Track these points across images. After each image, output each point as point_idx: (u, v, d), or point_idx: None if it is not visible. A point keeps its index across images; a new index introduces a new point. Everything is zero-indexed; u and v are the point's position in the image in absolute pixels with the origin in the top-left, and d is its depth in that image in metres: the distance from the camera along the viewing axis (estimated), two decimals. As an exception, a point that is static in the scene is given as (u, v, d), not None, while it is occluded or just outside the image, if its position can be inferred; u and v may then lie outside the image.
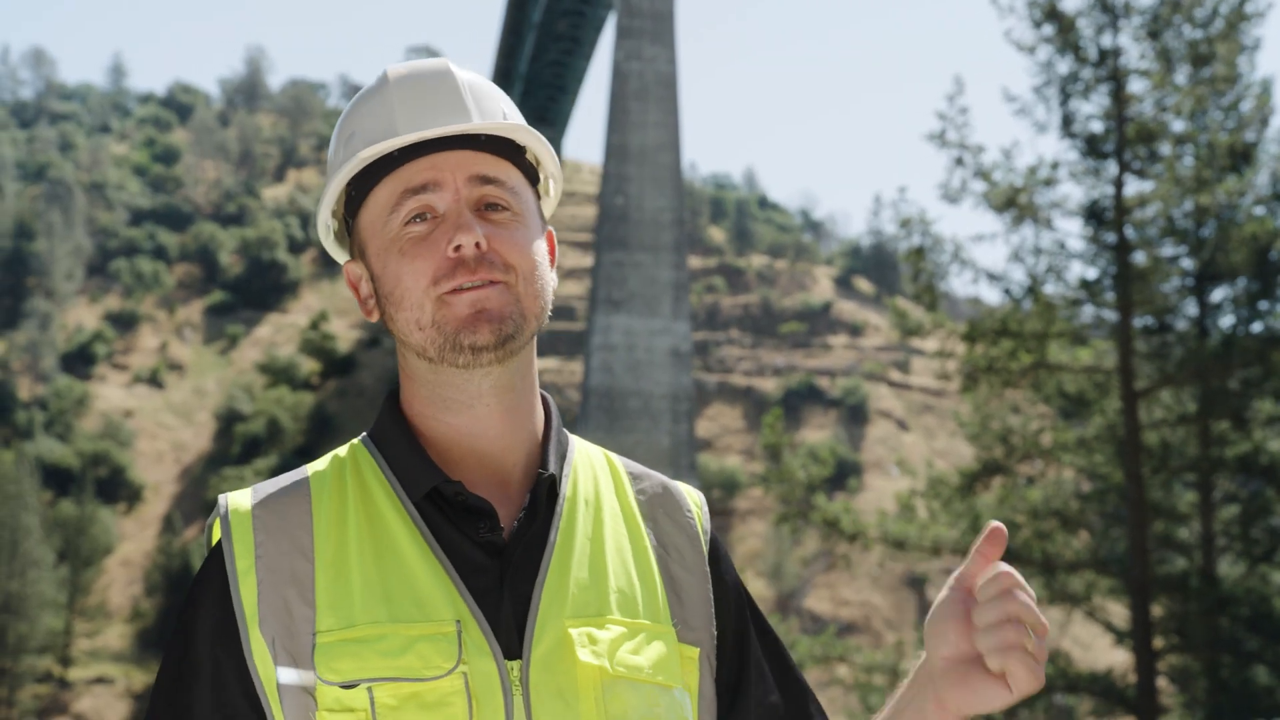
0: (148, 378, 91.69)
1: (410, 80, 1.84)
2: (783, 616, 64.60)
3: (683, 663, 1.79)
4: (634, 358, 66.17)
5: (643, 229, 67.28)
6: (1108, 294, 16.55)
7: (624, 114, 68.10)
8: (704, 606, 1.85)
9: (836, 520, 16.18)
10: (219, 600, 1.73)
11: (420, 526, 1.74)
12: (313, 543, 1.74)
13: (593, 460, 1.92)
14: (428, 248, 1.76)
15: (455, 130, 1.79)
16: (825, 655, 17.22)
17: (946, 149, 16.26)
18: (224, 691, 1.70)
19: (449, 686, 1.65)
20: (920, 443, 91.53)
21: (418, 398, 1.83)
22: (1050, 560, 16.96)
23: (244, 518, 1.76)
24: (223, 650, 1.71)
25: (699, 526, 1.91)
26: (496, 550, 1.74)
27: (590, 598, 1.75)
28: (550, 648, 1.70)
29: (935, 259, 16.75)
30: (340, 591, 1.70)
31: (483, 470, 1.80)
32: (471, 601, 1.70)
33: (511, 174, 1.84)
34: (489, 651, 1.67)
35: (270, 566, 1.72)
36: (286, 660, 1.68)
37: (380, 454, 1.82)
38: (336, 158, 1.87)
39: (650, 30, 68.89)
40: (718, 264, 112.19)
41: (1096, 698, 16.80)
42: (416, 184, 1.78)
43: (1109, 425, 17.09)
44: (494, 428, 1.81)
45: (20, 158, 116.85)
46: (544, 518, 1.79)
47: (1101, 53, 16.22)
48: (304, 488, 1.80)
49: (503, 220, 1.79)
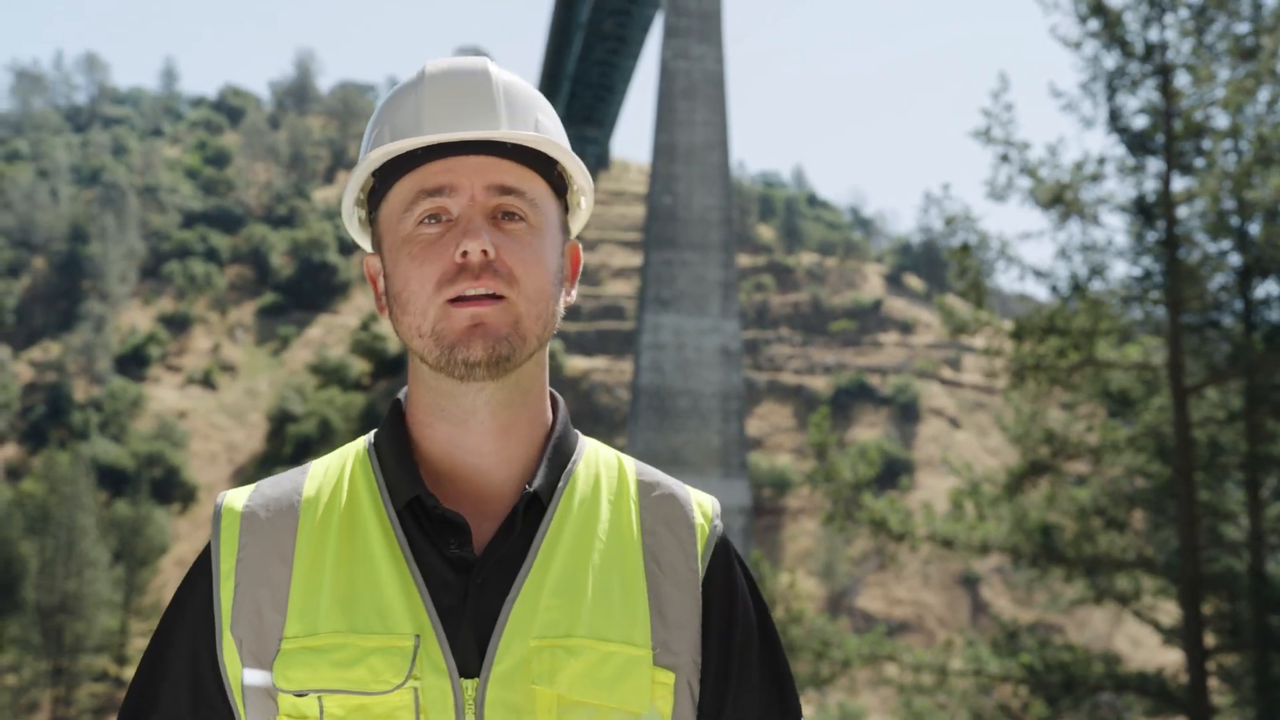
0: (201, 379, 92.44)
1: (445, 78, 1.81)
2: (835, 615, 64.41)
3: (655, 687, 1.75)
4: (683, 357, 66.13)
5: (691, 228, 67.23)
6: (1155, 290, 16.41)
7: (671, 113, 68.06)
8: (690, 628, 1.79)
9: (883, 519, 16.12)
10: (203, 598, 1.76)
11: (398, 536, 1.74)
12: (294, 548, 1.75)
13: (601, 469, 1.88)
14: (436, 252, 1.74)
15: (477, 136, 1.76)
16: (873, 654, 17.14)
17: (992, 145, 16.18)
18: (198, 686, 1.74)
19: (397, 701, 1.65)
20: (973, 440, 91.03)
21: (420, 404, 1.82)
22: (1098, 559, 16.83)
23: (234, 518, 1.78)
24: (201, 646, 1.75)
25: (700, 543, 1.85)
26: (466, 566, 1.72)
27: (561, 617, 1.72)
28: (510, 667, 1.68)
29: (981, 256, 16.66)
30: (310, 598, 1.71)
31: (470, 484, 1.79)
32: (435, 616, 1.69)
33: (535, 185, 1.80)
34: (444, 668, 1.67)
35: (248, 569, 1.74)
36: (252, 663, 1.71)
37: (377, 459, 1.82)
38: (365, 148, 1.86)
39: (698, 29, 68.85)
40: (767, 262, 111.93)
41: (1146, 698, 16.66)
42: (432, 185, 1.76)
43: (1157, 423, 16.95)
44: (487, 444, 1.79)
45: (74, 162, 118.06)
46: (526, 534, 1.76)
47: (1148, 47, 16.09)
48: (298, 489, 1.80)
49: (516, 231, 1.76)
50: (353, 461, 1.83)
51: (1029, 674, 16.44)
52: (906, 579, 79.12)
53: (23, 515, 61.79)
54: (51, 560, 58.16)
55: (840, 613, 74.97)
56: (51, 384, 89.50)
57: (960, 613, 77.96)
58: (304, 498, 1.79)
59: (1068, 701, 16.39)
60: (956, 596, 79.79)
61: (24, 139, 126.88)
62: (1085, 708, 16.47)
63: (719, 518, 1.89)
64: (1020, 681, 16.56)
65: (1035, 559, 16.80)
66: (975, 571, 76.58)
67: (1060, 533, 16.83)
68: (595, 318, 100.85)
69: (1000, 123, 16.18)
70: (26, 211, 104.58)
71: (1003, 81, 16.29)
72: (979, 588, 79.25)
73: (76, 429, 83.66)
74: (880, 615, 76.25)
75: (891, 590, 79.59)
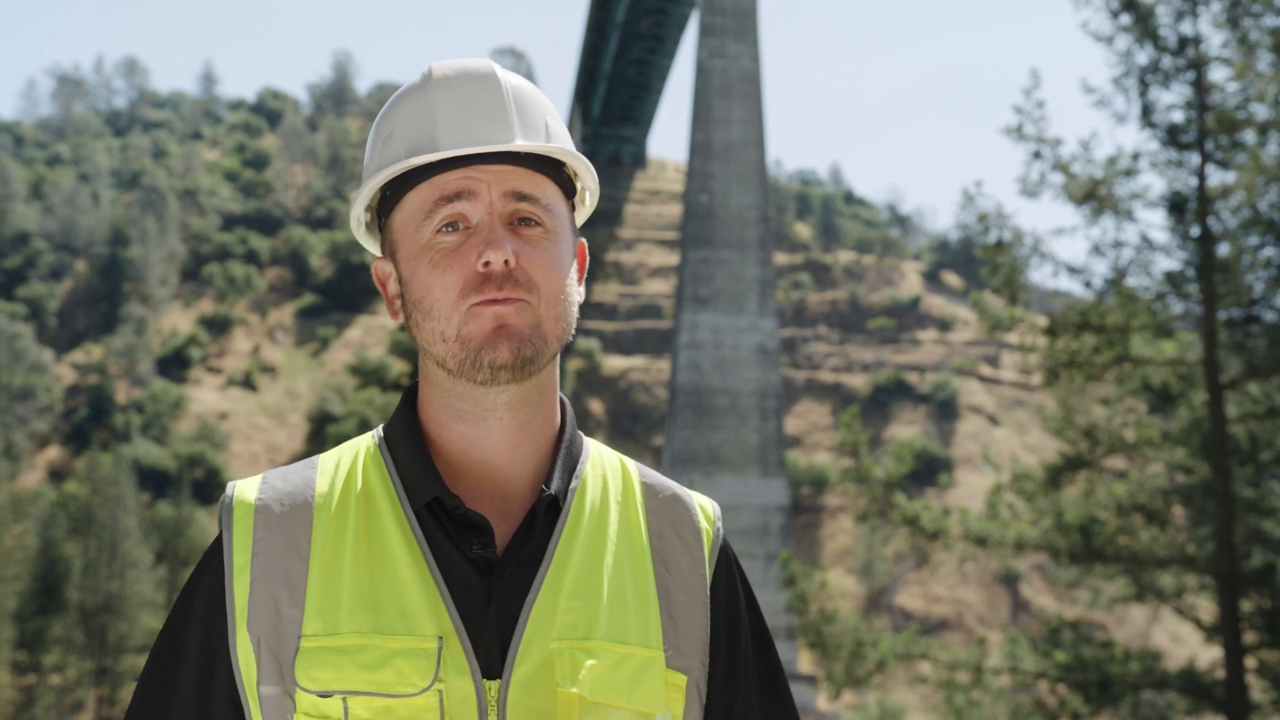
0: (241, 380, 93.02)
1: (454, 84, 1.82)
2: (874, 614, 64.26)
3: (669, 690, 1.77)
4: (721, 355, 66.08)
5: (728, 226, 67.19)
6: (1191, 286, 16.29)
7: (708, 111, 68.06)
8: (699, 631, 1.82)
9: (916, 518, 16.06)
10: (214, 593, 1.76)
11: (418, 537, 1.74)
12: (310, 543, 1.75)
13: (606, 472, 1.88)
14: (458, 260, 1.75)
15: (497, 148, 1.77)
16: (908, 653, 17.08)
17: (1024, 142, 16.10)
18: (207, 684, 1.74)
19: (423, 704, 1.65)
20: (1012, 438, 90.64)
21: (433, 404, 1.83)
22: (1137, 556, 16.73)
23: (247, 511, 1.77)
24: (214, 644, 1.74)
25: (706, 547, 1.88)
26: (488, 567, 1.73)
27: (579, 620, 1.73)
28: (532, 670, 1.69)
29: (1015, 254, 16.58)
30: (330, 596, 1.71)
31: (487, 483, 1.80)
32: (457, 618, 1.69)
33: (548, 190, 1.82)
34: (468, 670, 1.67)
35: (265, 565, 1.74)
36: (269, 661, 1.70)
37: (390, 456, 1.83)
38: (374, 156, 1.86)
39: (733, 27, 68.83)
40: (804, 260, 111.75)
41: (1186, 695, 16.56)
42: (451, 193, 1.77)
43: (1195, 419, 16.83)
44: (504, 441, 1.80)
45: (115, 165, 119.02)
46: (542, 536, 1.77)
47: (1181, 41, 15.97)
48: (310, 484, 1.81)
49: (534, 237, 1.78)
50: (364, 457, 1.84)
51: (1065, 672, 16.36)
52: (946, 577, 78.85)
53: (66, 517, 62.34)
54: (95, 561, 58.64)
55: (879, 611, 74.76)
56: (94, 386, 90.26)
57: (1001, 610, 77.62)
58: (317, 492, 1.80)
59: (1105, 699, 16.30)
60: (997, 594, 79.44)
61: (65, 143, 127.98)
62: (1125, 706, 16.37)
63: (720, 521, 1.92)
64: (1057, 679, 16.48)
65: (1073, 556, 16.71)
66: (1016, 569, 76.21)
67: (1100, 529, 16.73)
68: (633, 317, 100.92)
69: (1032, 119, 16.09)
70: (68, 215, 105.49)
71: (1034, 78, 16.20)
72: (1019, 585, 78.89)
73: (119, 431, 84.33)
74: (920, 613, 76.02)
75: (931, 588, 79.32)
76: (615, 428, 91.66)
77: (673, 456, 65.74)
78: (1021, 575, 78.22)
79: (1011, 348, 17.17)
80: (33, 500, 66.85)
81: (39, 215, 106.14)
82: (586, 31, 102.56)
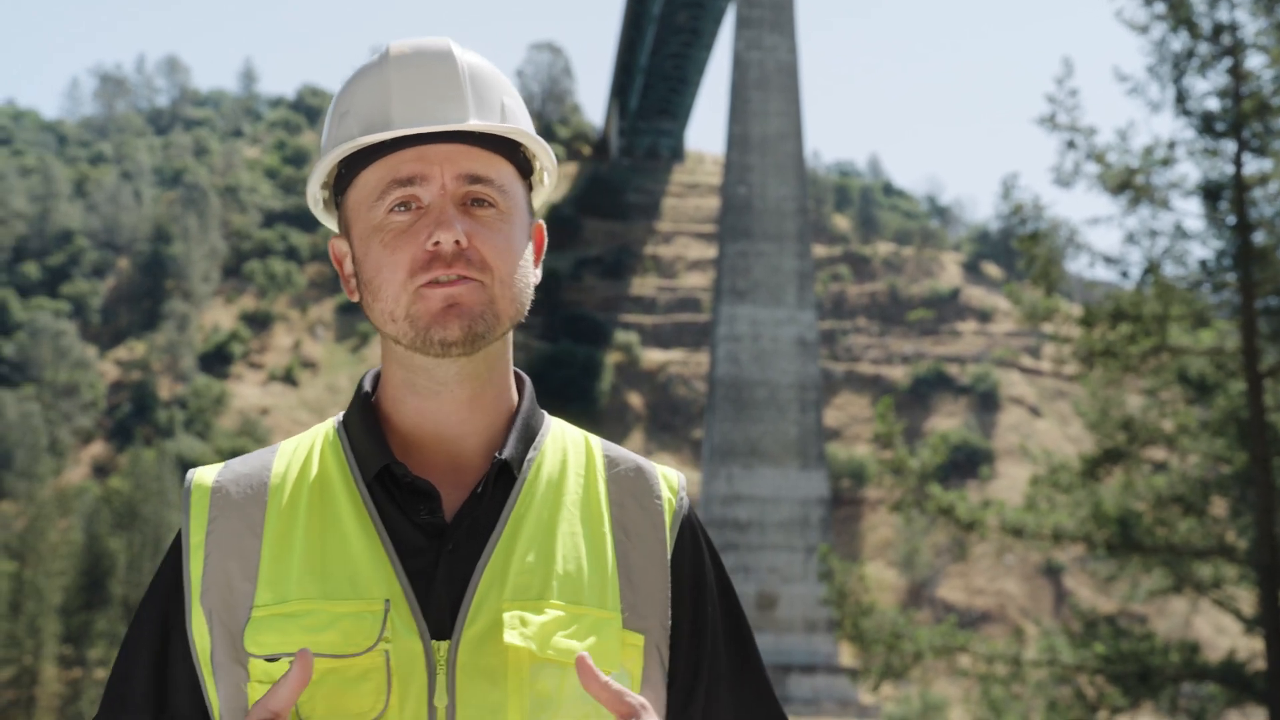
0: (282, 376, 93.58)
1: (410, 62, 1.82)
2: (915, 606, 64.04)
3: (624, 648, 1.78)
4: (760, 347, 65.97)
5: (766, 218, 67.06)
6: (1228, 275, 16.18)
7: (745, 104, 67.93)
8: (659, 594, 1.83)
9: (951, 508, 16.03)
10: (173, 572, 1.81)
11: (367, 505, 1.77)
12: (264, 521, 1.78)
13: (567, 444, 1.90)
14: (408, 240, 1.76)
15: (450, 128, 1.78)
16: (946, 646, 17.04)
17: (1057, 132, 16.03)
18: (164, 659, 1.79)
19: (368, 663, 1.68)
20: (1054, 429, 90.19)
21: (391, 381, 1.85)
22: (1175, 547, 16.64)
23: (203, 494, 1.82)
24: (171, 619, 1.79)
25: (667, 514, 1.88)
26: (437, 531, 1.75)
27: (532, 581, 1.75)
28: (483, 630, 1.71)
29: (1052, 244, 16.51)
30: (281, 568, 1.75)
31: (440, 454, 1.82)
32: (405, 581, 1.72)
33: (502, 170, 1.82)
34: (415, 630, 1.70)
35: (219, 542, 1.78)
36: (222, 632, 1.74)
37: (346, 434, 1.85)
38: (330, 134, 1.87)
39: (770, 19, 68.65)
40: (843, 252, 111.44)
41: (1225, 686, 16.45)
42: (404, 175, 1.78)
43: (1233, 408, 16.72)
44: (456, 414, 1.82)
45: (157, 164, 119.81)
46: (497, 502, 1.79)
47: (1216, 28, 15.85)
48: (268, 465, 1.84)
49: (487, 218, 1.79)
50: (322, 440, 1.87)
51: (1104, 664, 16.29)
52: (987, 569, 78.57)
53: (110, 512, 62.92)
54: (139, 555, 59.15)
55: (921, 604, 74.55)
56: (137, 383, 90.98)
57: (1043, 603, 77.28)
58: (273, 473, 1.83)
59: (1144, 691, 16.22)
60: (1039, 586, 79.11)
61: (108, 142, 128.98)
62: (1164, 698, 16.29)
63: (684, 491, 1.93)
64: (1095, 671, 16.41)
65: (1111, 547, 16.63)
66: (1058, 561, 75.85)
67: (1138, 520, 16.64)
68: (671, 310, 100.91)
69: (1065, 108, 16.02)
70: (111, 213, 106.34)
71: (1066, 66, 16.13)
72: (1062, 577, 78.53)
73: (162, 427, 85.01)
74: (961, 606, 75.79)
75: (972, 581, 79.05)
76: (654, 421, 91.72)
77: (712, 449, 65.68)
78: (1064, 567, 77.86)
79: (1052, 338, 17.09)
80: (77, 496, 67.51)
81: (82, 213, 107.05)
82: (623, 26, 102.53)
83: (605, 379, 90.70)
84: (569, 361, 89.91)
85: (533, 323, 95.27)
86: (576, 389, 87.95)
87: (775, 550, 62.79)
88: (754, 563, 61.74)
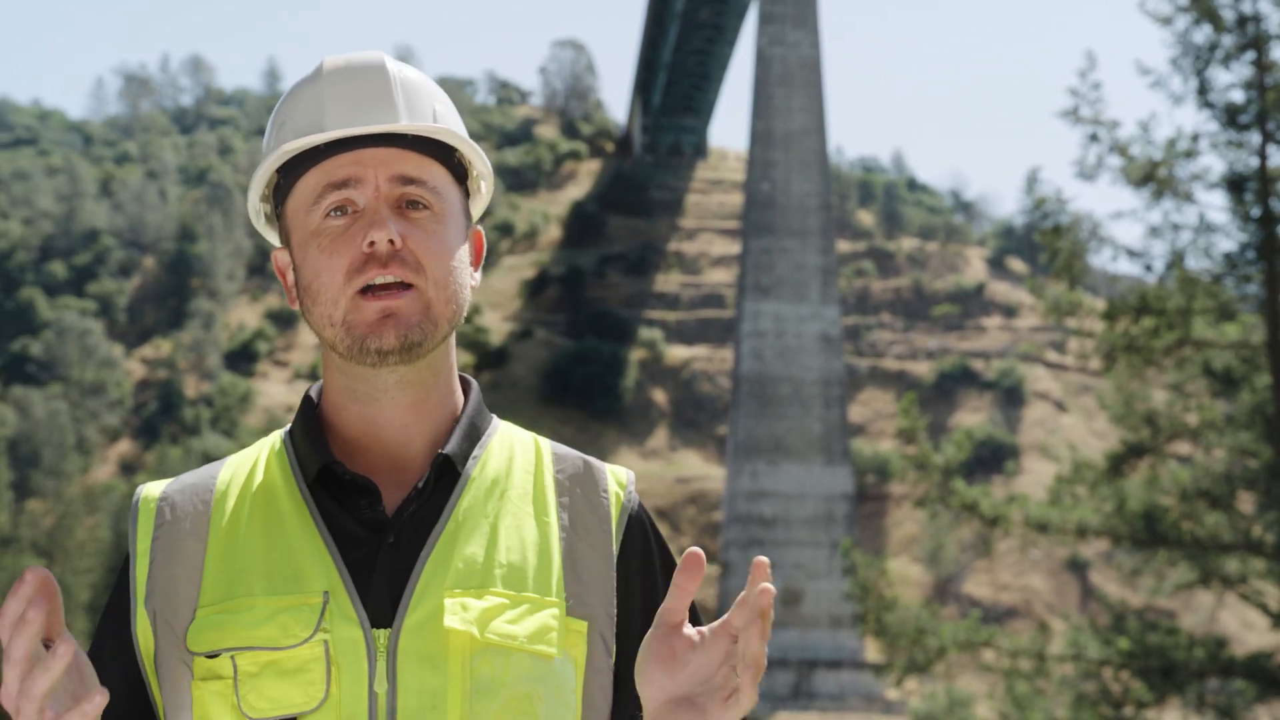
0: (308, 374, 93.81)
1: (343, 74, 1.87)
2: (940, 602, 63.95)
3: (568, 635, 1.80)
4: (784, 343, 65.96)
5: (789, 214, 67.02)
6: (1253, 267, 16.12)
7: (768, 100, 67.91)
8: (604, 585, 1.85)
9: (975, 504, 16.01)
10: (122, 581, 1.86)
11: (308, 504, 1.81)
12: (208, 527, 1.83)
13: (515, 445, 1.93)
14: (345, 243, 1.80)
15: (380, 129, 1.83)
16: (970, 641, 17.03)
17: (1080, 125, 16.00)
18: (113, 669, 1.82)
19: (308, 654, 1.72)
20: (1079, 424, 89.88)
21: (333, 388, 1.89)
22: (1200, 542, 16.59)
23: (149, 505, 1.87)
24: (118, 625, 1.85)
25: (615, 508, 1.91)
26: (379, 526, 1.79)
27: (475, 571, 1.78)
28: (424, 616, 1.74)
29: (1075, 238, 16.47)
30: (224, 568, 1.79)
31: (384, 456, 1.85)
32: (345, 572, 1.75)
33: (436, 173, 1.86)
34: (355, 619, 1.73)
35: (163, 547, 1.83)
36: (167, 633, 1.79)
37: (290, 442, 1.90)
38: (268, 144, 1.91)
39: (793, 15, 68.57)
40: (867, 248, 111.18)
41: (1252, 681, 16.40)
42: (338, 179, 1.82)
43: (1258, 402, 16.65)
44: (399, 418, 1.85)
45: (182, 162, 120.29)
46: (440, 497, 1.83)
47: (1240, 19, 15.80)
48: (214, 476, 1.89)
49: (421, 219, 1.82)
50: (268, 450, 1.91)
51: (1129, 659, 16.25)
52: (1013, 565, 78.36)
53: (137, 510, 63.01)
54: (165, 554, 59.20)
55: (946, 599, 74.42)
56: (163, 381, 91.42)
57: (1069, 598, 77.04)
58: (219, 481, 1.88)
59: (1170, 686, 16.17)
60: (1065, 581, 78.86)
61: (133, 141, 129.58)
62: (1190, 693, 16.24)
63: (633, 487, 1.95)
64: (1120, 666, 16.37)
65: (1136, 541, 16.59)
66: (1084, 556, 75.59)
67: (1163, 514, 16.59)
68: (695, 306, 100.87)
69: (1088, 101, 16.00)
70: (136, 212, 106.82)
71: (1089, 59, 16.11)
72: (1088, 573, 78.24)
73: (188, 424, 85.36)
74: (987, 601, 75.59)
75: (998, 576, 78.85)
76: (678, 417, 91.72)
77: (736, 445, 65.69)
78: (1090, 562, 77.58)
79: (1076, 333, 17.06)
80: (104, 493, 67.79)
81: (108, 213, 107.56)
82: (646, 23, 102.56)
83: (629, 376, 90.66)
84: (593, 358, 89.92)
85: (556, 320, 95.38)
86: (601, 386, 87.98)
87: (800, 546, 62.78)
88: (779, 558, 61.72)
